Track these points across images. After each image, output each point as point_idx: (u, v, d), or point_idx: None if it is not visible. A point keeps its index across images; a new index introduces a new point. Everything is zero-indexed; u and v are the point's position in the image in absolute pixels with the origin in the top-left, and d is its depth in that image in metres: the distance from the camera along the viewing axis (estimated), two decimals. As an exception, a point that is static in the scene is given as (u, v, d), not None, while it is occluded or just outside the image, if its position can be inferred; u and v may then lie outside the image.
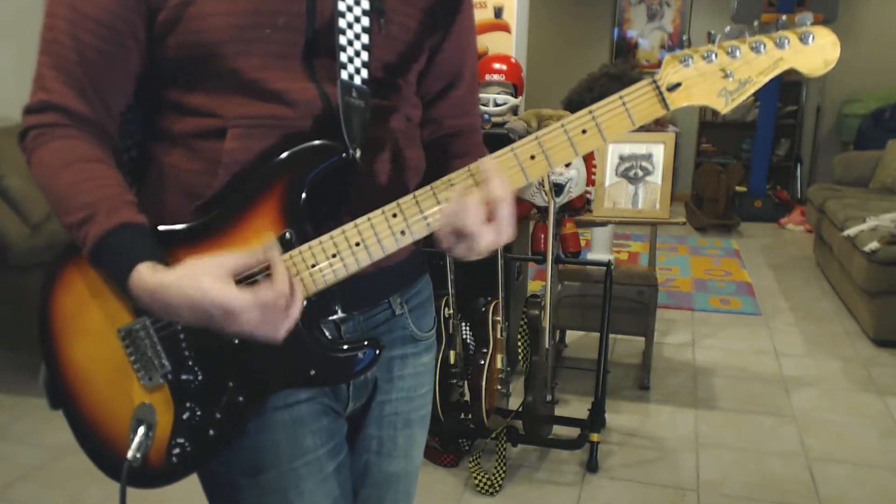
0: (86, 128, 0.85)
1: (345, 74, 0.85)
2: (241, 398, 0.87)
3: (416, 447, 1.11)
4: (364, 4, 0.87)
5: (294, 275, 0.84)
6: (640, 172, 2.73)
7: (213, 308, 0.76)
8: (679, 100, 0.83)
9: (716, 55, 0.82)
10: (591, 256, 3.49)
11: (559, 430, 2.60)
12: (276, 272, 0.79)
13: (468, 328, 2.57)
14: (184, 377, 0.87)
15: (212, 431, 0.88)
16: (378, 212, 0.85)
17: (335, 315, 0.93)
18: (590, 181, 2.76)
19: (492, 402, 2.43)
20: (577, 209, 2.78)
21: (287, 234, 0.85)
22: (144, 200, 0.87)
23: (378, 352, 0.89)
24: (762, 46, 0.82)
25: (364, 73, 0.87)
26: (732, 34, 0.83)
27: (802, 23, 0.82)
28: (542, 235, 2.63)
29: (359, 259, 0.85)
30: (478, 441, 2.52)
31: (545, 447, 2.57)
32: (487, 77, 2.99)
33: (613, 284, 2.58)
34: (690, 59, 0.82)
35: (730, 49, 0.82)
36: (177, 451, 0.89)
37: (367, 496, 1.08)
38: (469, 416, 2.45)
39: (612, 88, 3.44)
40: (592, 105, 0.83)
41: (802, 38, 0.81)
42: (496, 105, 2.93)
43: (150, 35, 0.83)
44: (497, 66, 3.02)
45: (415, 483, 1.14)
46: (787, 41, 0.81)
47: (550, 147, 0.84)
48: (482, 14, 3.59)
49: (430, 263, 1.12)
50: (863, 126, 6.26)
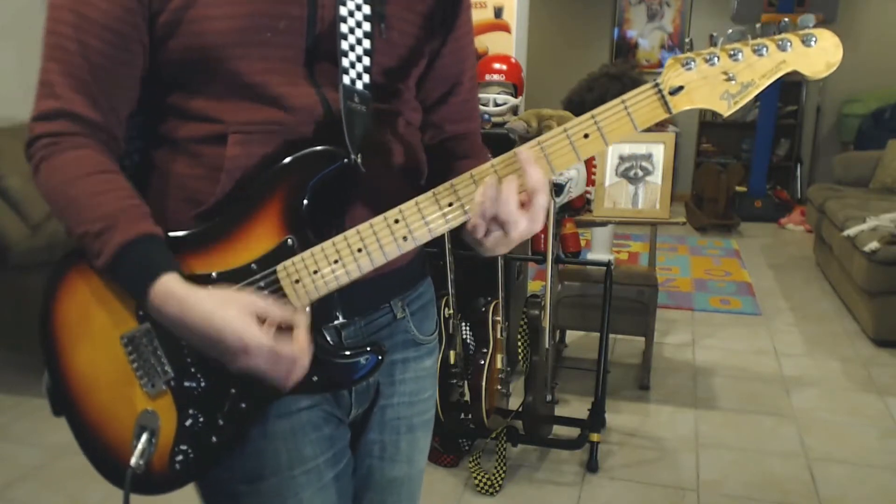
0: (96, 135, 0.84)
1: (347, 79, 0.85)
2: (244, 405, 0.87)
3: (419, 452, 1.11)
4: (365, 9, 0.86)
5: (296, 281, 0.84)
6: (640, 172, 2.72)
7: (232, 337, 0.78)
8: (681, 103, 0.82)
9: (718, 58, 0.81)
10: (591, 256, 3.48)
11: (559, 430, 2.60)
12: (299, 335, 0.81)
13: (468, 328, 2.56)
14: (186, 384, 0.87)
15: (214, 438, 0.88)
16: (380, 217, 0.84)
17: (336, 320, 0.92)
18: (590, 181, 2.76)
19: (492, 402, 2.42)
20: (577, 209, 2.78)
21: (289, 241, 0.84)
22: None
23: (380, 358, 0.89)
24: (765, 49, 0.81)
25: (366, 78, 0.86)
26: (734, 36, 0.82)
27: (805, 25, 0.81)
28: (542, 235, 2.62)
29: (361, 265, 0.85)
30: (478, 441, 2.52)
31: (545, 447, 2.57)
32: (487, 77, 2.98)
33: (613, 284, 2.58)
34: (693, 63, 0.81)
35: (732, 52, 0.81)
36: (180, 458, 0.89)
37: (370, 501, 1.07)
38: (469, 416, 2.45)
39: (612, 88, 3.43)
40: (595, 109, 0.82)
41: (805, 41, 0.80)
42: (496, 105, 2.92)
43: (152, 39, 0.83)
44: (497, 66, 3.01)
45: (419, 487, 1.13)
46: (790, 44, 0.81)
47: (552, 151, 0.83)
48: (482, 14, 3.58)
49: (431, 265, 1.12)
50: (863, 126, 6.25)
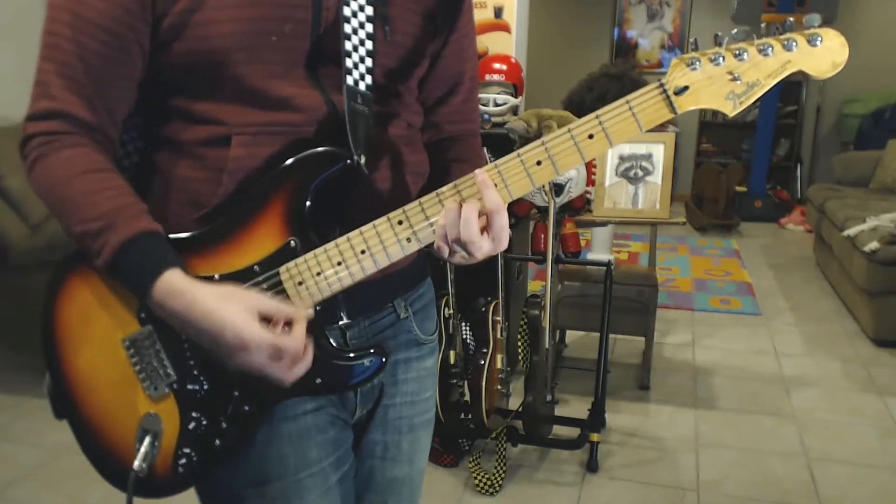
0: (90, 136, 0.84)
1: (350, 80, 0.85)
2: (247, 408, 0.87)
3: (420, 452, 1.11)
4: (368, 10, 0.86)
5: (299, 283, 0.84)
6: (640, 172, 2.72)
7: (231, 334, 0.77)
8: (686, 103, 0.81)
9: (723, 58, 0.80)
10: (591, 256, 3.48)
11: (559, 430, 2.60)
12: (297, 328, 0.81)
13: (468, 328, 2.56)
14: (189, 387, 0.87)
15: (218, 441, 0.88)
16: (383, 219, 0.84)
17: (340, 321, 0.92)
18: (590, 181, 2.75)
19: (492, 402, 2.42)
20: (577, 209, 2.77)
21: (292, 242, 0.84)
22: (148, 209, 0.86)
23: (384, 359, 0.89)
24: (770, 49, 0.80)
25: (368, 80, 0.86)
26: (739, 36, 0.81)
27: (810, 24, 0.80)
28: (542, 235, 2.62)
29: (364, 267, 0.85)
30: (478, 441, 2.52)
31: (545, 447, 2.57)
32: (487, 77, 2.98)
33: (613, 284, 2.58)
34: (698, 63, 0.81)
35: (737, 51, 0.80)
36: (183, 461, 0.88)
37: (371, 501, 1.07)
38: (469, 416, 2.44)
39: (612, 89, 3.42)
40: (599, 110, 0.81)
41: (810, 41, 0.79)
42: (496, 105, 2.92)
43: (156, 42, 0.82)
44: (497, 66, 3.01)
45: (419, 487, 1.13)
46: (795, 43, 0.80)
47: (557, 152, 0.83)
48: (482, 14, 3.57)
49: (431, 265, 1.12)
50: (863, 126, 6.26)
